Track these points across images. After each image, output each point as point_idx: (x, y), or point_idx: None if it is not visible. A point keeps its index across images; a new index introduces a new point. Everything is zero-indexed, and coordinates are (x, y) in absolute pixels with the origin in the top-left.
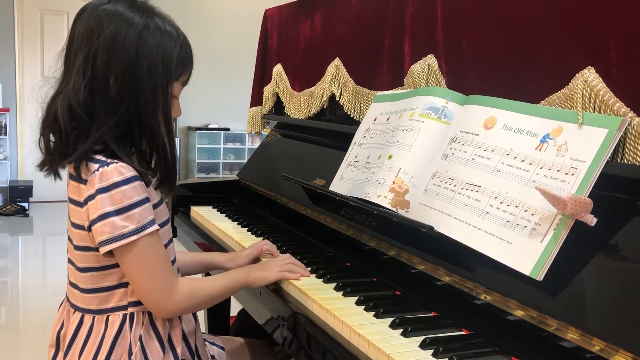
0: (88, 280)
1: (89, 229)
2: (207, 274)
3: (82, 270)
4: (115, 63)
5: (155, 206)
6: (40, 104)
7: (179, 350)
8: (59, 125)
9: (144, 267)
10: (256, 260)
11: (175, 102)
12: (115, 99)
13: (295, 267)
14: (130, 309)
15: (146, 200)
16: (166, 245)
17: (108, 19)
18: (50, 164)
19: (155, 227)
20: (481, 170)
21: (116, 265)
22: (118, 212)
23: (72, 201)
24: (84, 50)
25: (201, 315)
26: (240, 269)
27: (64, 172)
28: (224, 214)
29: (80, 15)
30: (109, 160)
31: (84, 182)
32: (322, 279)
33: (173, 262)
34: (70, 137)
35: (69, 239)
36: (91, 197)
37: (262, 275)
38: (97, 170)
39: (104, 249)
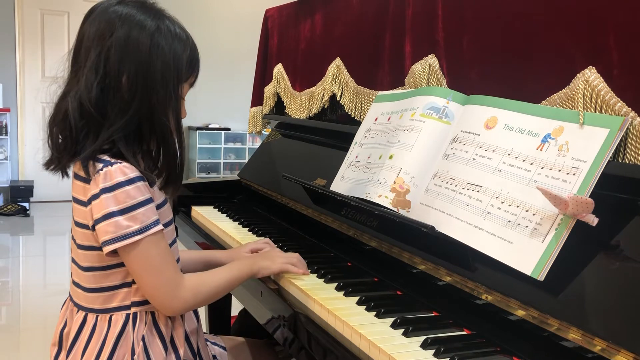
0: (91, 280)
1: (93, 228)
2: None
3: (85, 269)
4: (128, 62)
5: (159, 206)
6: (45, 103)
7: (181, 351)
8: (69, 123)
9: (149, 266)
10: None
11: (182, 104)
12: (127, 98)
13: (298, 263)
14: (133, 309)
15: (150, 200)
16: (170, 245)
17: (120, 20)
18: (59, 161)
19: (160, 227)
20: (482, 170)
21: (119, 265)
22: (122, 212)
23: (76, 200)
24: (96, 48)
25: (202, 315)
26: (242, 260)
27: (71, 170)
28: (225, 214)
29: (89, 15)
30: (113, 160)
31: (89, 181)
32: (323, 279)
33: (177, 261)
34: (80, 134)
35: (73, 238)
36: (95, 197)
37: (266, 265)
38: (101, 169)
39: (107, 248)
